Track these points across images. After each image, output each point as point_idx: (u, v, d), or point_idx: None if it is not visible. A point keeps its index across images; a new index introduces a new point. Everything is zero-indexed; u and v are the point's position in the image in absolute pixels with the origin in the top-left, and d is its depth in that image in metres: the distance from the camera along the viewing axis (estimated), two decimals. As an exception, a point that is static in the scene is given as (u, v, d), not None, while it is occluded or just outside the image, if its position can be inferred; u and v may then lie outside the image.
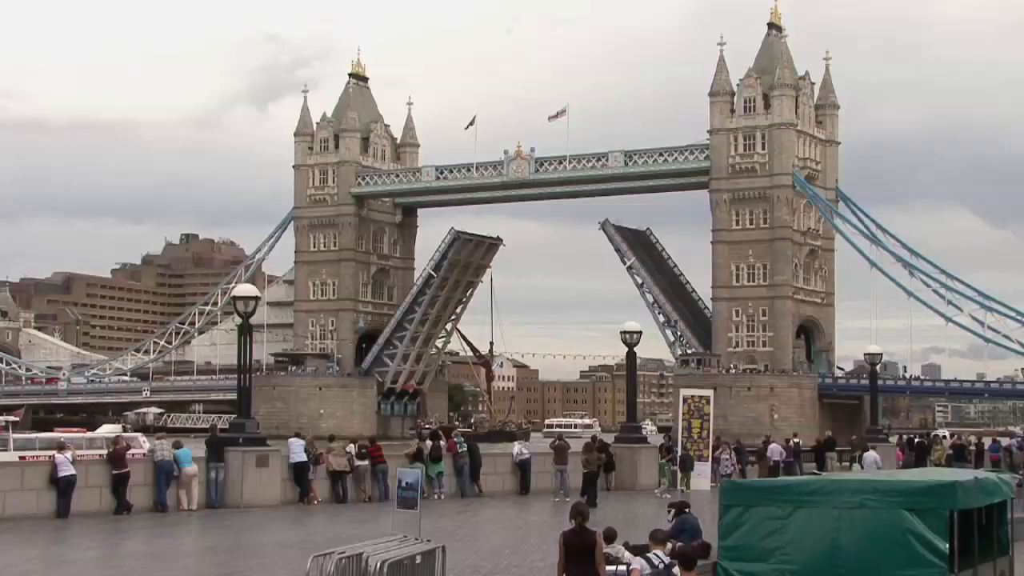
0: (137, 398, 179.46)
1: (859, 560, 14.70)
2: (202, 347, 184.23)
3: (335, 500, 36.63)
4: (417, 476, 21.72)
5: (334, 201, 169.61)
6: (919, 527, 14.43)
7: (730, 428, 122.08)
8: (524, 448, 42.68)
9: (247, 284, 40.21)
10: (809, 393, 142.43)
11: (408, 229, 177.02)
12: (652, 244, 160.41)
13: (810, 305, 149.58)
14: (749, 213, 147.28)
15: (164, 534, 28.05)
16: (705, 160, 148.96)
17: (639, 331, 44.48)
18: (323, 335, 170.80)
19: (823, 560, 14.94)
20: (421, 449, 39.00)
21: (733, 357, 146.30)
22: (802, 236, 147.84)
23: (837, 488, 15.28)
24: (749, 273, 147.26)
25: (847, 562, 14.77)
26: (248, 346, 34.38)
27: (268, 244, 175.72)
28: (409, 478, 21.66)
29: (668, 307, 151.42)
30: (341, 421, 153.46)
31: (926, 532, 14.39)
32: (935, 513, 14.47)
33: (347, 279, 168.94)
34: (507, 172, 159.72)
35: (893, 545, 14.47)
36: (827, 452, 53.93)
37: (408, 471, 22.27)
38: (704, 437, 45.15)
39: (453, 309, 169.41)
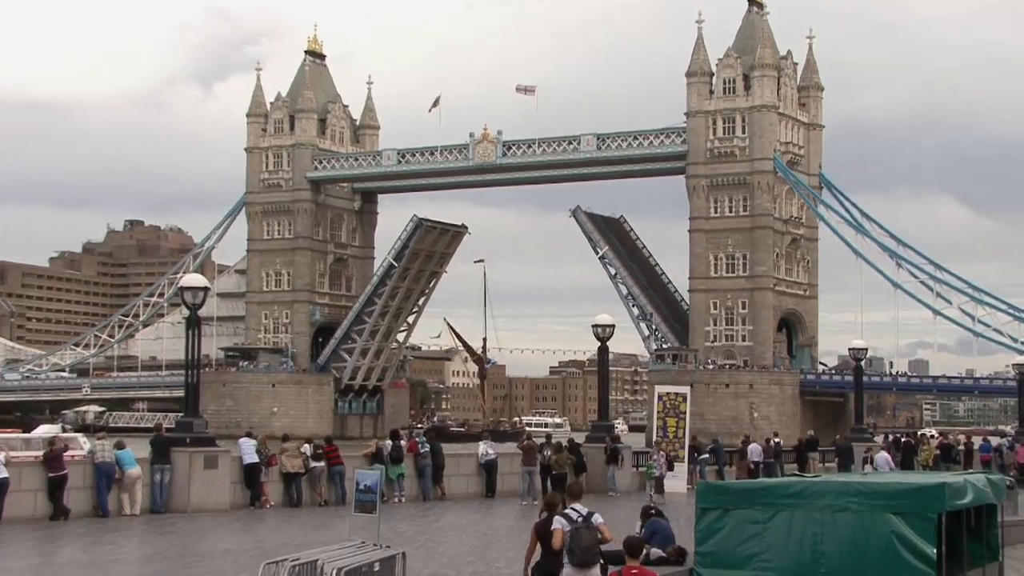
0: (76, 396, 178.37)
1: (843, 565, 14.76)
2: (147, 341, 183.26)
3: (289, 504, 36.48)
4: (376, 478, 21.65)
5: (289, 186, 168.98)
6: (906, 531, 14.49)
7: (707, 427, 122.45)
8: (490, 448, 42.61)
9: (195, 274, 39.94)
10: (790, 390, 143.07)
11: (367, 216, 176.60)
12: (626, 232, 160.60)
13: (792, 297, 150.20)
14: (728, 200, 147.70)
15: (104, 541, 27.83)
16: (682, 144, 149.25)
17: (612, 325, 44.49)
18: (277, 328, 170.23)
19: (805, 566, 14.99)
20: (381, 449, 38.92)
21: (711, 352, 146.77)
22: (784, 224, 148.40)
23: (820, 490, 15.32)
24: (728, 263, 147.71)
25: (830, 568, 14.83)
26: (196, 340, 34.16)
27: (218, 231, 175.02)
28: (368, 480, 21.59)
29: (642, 299, 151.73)
30: (295, 420, 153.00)
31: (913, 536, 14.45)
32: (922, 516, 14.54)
33: (302, 269, 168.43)
34: (472, 156, 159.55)
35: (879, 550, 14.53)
36: (809, 452, 54.18)
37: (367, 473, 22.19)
38: (680, 437, 45.25)
39: (415, 301, 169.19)
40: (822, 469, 52.03)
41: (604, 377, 46.71)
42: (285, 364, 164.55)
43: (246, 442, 36.31)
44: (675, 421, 45.39)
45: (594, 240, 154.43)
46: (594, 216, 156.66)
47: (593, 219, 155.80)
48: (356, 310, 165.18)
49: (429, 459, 40.28)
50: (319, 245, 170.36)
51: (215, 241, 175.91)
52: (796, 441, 58.66)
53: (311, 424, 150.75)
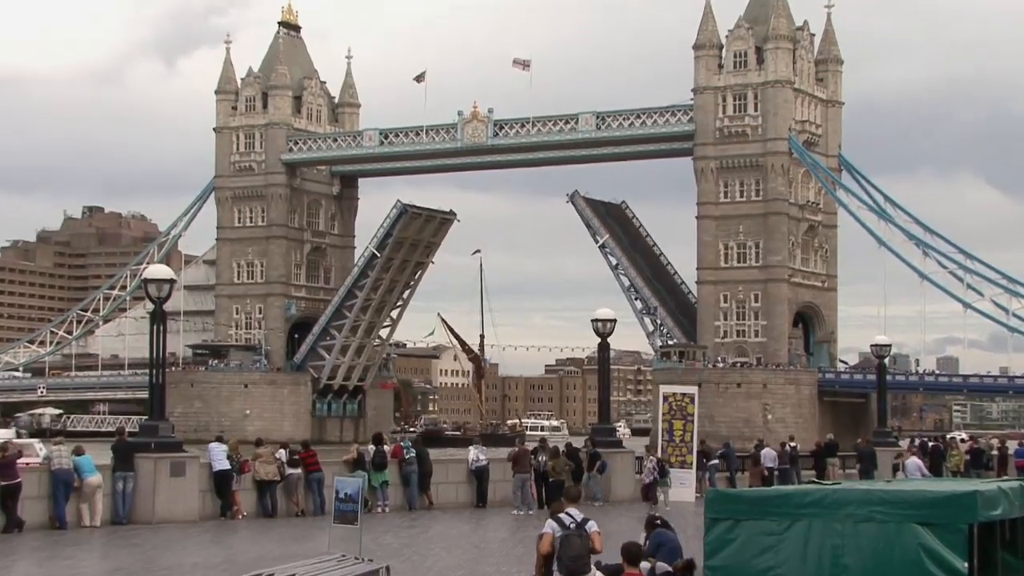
0: (31, 397, 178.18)
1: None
2: (108, 338, 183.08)
3: (263, 514, 36.50)
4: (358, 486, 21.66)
5: (261, 169, 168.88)
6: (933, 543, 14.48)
7: (717, 430, 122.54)
8: (481, 454, 42.64)
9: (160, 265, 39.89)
10: (807, 390, 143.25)
11: (347, 202, 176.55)
12: (628, 219, 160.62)
13: (809, 289, 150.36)
14: (739, 184, 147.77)
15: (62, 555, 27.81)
16: (689, 123, 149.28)
17: (613, 319, 44.51)
18: (249, 324, 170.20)
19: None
20: (362, 455, 38.94)
21: (721, 349, 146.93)
22: (800, 210, 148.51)
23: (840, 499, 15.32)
24: (739, 253, 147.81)
25: (852, 583, 14.82)
26: (162, 337, 34.13)
27: (185, 219, 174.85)
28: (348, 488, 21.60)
29: (646, 292, 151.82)
30: (270, 423, 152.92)
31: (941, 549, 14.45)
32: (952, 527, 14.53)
33: (277, 259, 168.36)
34: (461, 136, 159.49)
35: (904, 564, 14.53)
36: (828, 458, 54.22)
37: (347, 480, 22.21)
38: (688, 441, 45.27)
39: (399, 294, 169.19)
40: (842, 476, 52.09)
41: (605, 376, 46.75)
42: (258, 363, 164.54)
43: (216, 447, 36.32)
44: (682, 424, 45.41)
45: (593, 227, 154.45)
46: (593, 202, 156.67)
47: (592, 205, 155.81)
48: (335, 304, 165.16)
49: (415, 465, 40.31)
50: (295, 233, 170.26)
51: (182, 229, 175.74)
52: (814, 445, 58.64)
53: (287, 427, 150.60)
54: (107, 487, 33.39)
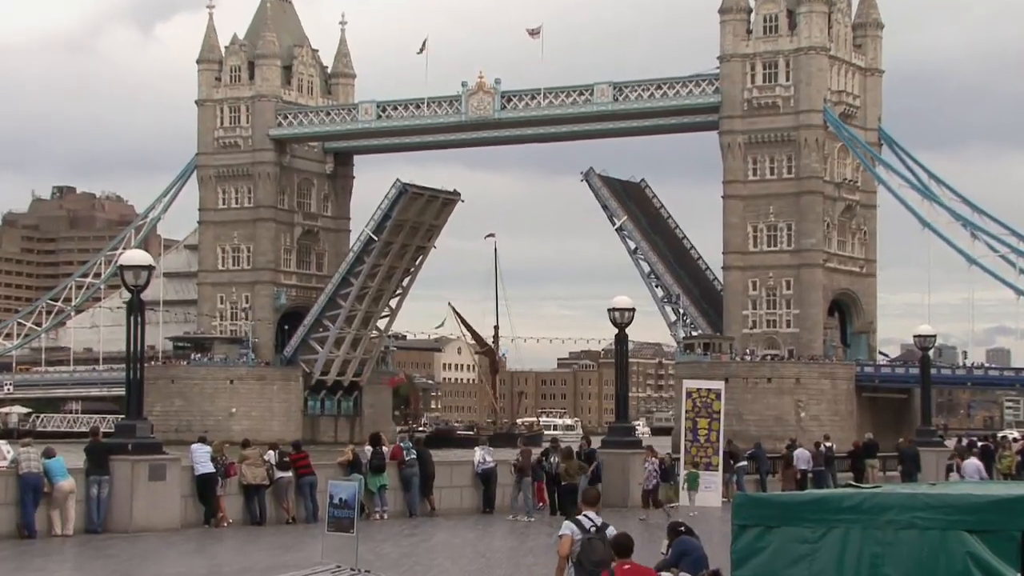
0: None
1: (908, 593, 14.72)
2: (80, 330, 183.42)
3: (250, 521, 36.57)
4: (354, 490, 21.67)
5: (248, 146, 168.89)
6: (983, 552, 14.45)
7: (746, 429, 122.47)
8: (488, 455, 42.68)
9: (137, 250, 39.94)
10: (844, 385, 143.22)
11: (342, 181, 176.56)
12: (648, 199, 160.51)
13: (846, 275, 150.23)
14: (769, 160, 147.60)
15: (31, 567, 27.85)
16: (714, 94, 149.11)
17: (631, 308, 44.47)
18: (235, 314, 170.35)
19: (863, 593, 14.97)
20: (358, 456, 38.98)
21: (749, 341, 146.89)
22: (836, 189, 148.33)
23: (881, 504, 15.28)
24: (769, 236, 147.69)
25: (893, 595, 14.80)
26: (139, 329, 34.15)
27: (164, 200, 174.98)
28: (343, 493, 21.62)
29: (668, 278, 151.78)
30: (257, 422, 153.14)
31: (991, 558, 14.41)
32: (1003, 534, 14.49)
33: (265, 244, 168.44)
34: (466, 110, 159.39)
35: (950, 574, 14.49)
36: (867, 459, 54.24)
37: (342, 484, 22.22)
38: (714, 441, 45.25)
39: (399, 282, 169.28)
40: (883, 479, 52.07)
41: (623, 370, 46.73)
42: (245, 356, 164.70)
43: (199, 448, 36.35)
44: (707, 422, 45.38)
45: (610, 208, 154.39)
46: (610, 180, 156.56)
47: (609, 184, 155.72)
48: (329, 292, 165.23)
49: (416, 468, 40.34)
50: (284, 215, 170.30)
51: (161, 211, 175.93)
52: (851, 446, 58.69)
53: (276, 427, 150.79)
54: (80, 492, 33.42)
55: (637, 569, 15.94)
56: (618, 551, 16.06)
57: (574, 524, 16.91)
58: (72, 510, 33.13)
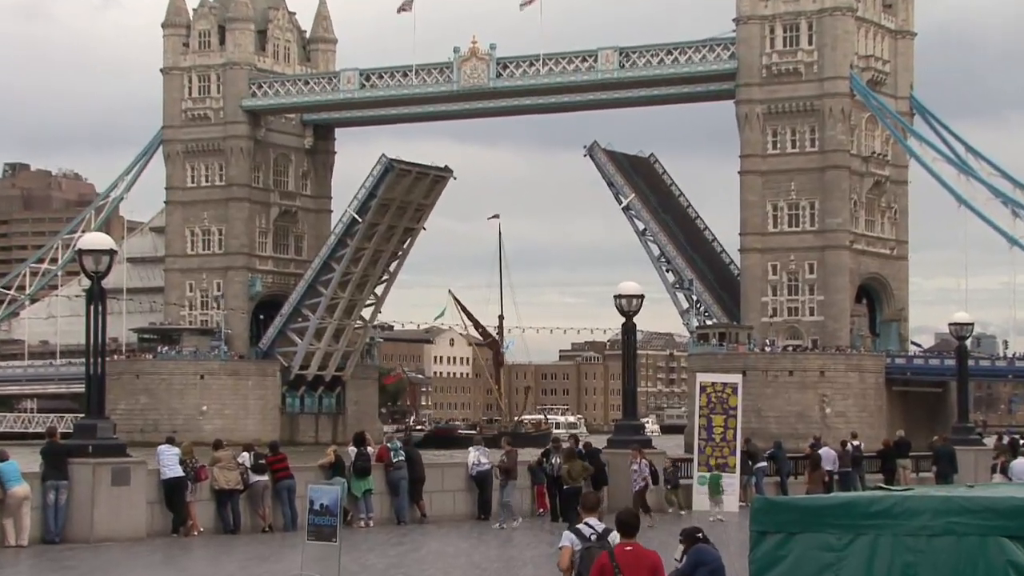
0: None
1: (943, 605, 14.74)
2: (36, 321, 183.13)
3: (223, 530, 36.58)
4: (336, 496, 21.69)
5: (219, 118, 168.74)
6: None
7: (765, 427, 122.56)
8: (483, 456, 42.67)
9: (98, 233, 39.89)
10: (873, 379, 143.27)
11: (322, 157, 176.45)
12: (658, 176, 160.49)
13: (875, 258, 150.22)
14: (791, 132, 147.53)
15: (-15, 579, 27.85)
16: (730, 60, 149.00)
17: (640, 295, 44.42)
18: (205, 303, 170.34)
19: (894, 606, 14.99)
20: (341, 458, 38.98)
21: (769, 330, 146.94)
22: (864, 163, 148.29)
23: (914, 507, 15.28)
24: (791, 215, 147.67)
25: (927, 608, 14.81)
26: (100, 319, 34.12)
27: (127, 178, 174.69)
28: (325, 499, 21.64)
29: (680, 262, 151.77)
30: (231, 421, 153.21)
31: (1034, 566, 14.43)
32: (1048, 541, 14.50)
33: (238, 226, 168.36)
34: (458, 78, 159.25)
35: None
36: (898, 458, 54.26)
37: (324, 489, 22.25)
38: (730, 440, 45.29)
39: (385, 267, 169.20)
40: (915, 480, 52.11)
41: (631, 363, 46.71)
42: (217, 349, 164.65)
43: (167, 450, 36.31)
44: (723, 419, 45.42)
45: (616, 186, 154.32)
46: (616, 155, 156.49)
47: (615, 159, 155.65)
48: (308, 279, 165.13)
49: (404, 470, 40.34)
50: (260, 195, 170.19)
51: (123, 191, 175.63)
52: (881, 444, 58.69)
53: (251, 426, 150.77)
54: (36, 499, 33.39)
55: (639, 552, 15.94)
56: (621, 530, 16.20)
57: (573, 534, 16.92)
58: (27, 518, 33.09)
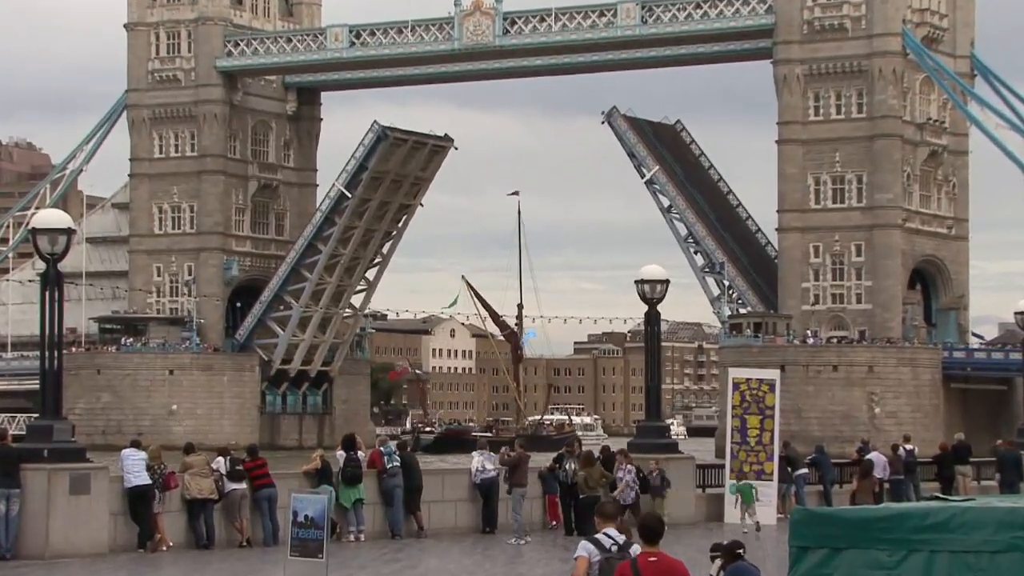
0: None
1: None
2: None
3: (195, 544, 36.57)
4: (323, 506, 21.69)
5: (190, 80, 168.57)
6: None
7: (807, 429, 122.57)
8: (489, 461, 42.63)
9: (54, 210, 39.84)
10: (929, 375, 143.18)
11: (307, 124, 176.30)
12: (685, 145, 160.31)
13: (931, 238, 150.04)
14: (836, 96, 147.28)
15: (-73, 600, 27.90)
16: (767, 14, 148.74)
17: (665, 280, 44.38)
18: (175, 289, 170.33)
19: (952, 631, 14.99)
20: (329, 464, 38.98)
21: (811, 319, 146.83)
22: (918, 131, 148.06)
23: (974, 520, 15.28)
24: (835, 190, 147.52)
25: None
26: (57, 307, 34.11)
27: (87, 148, 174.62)
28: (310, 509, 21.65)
29: (710, 242, 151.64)
30: (204, 422, 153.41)
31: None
32: None
33: (212, 202, 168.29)
34: (459, 36, 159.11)
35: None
36: (957, 465, 54.18)
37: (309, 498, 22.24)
38: (767, 443, 45.26)
39: (377, 249, 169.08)
40: (976, 489, 52.06)
41: (654, 357, 46.69)
42: (188, 341, 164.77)
43: (132, 455, 36.29)
44: (758, 420, 45.39)
45: (638, 157, 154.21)
46: (639, 122, 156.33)
47: (637, 126, 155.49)
48: (291, 262, 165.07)
49: (400, 478, 40.31)
50: (236, 167, 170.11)
51: (82, 162, 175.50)
52: (937, 449, 58.58)
53: (227, 428, 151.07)
54: (-15, 509, 33.42)
55: (666, 562, 15.95)
56: (645, 536, 16.18)
57: (592, 544, 16.96)
58: (-25, 531, 33.14)
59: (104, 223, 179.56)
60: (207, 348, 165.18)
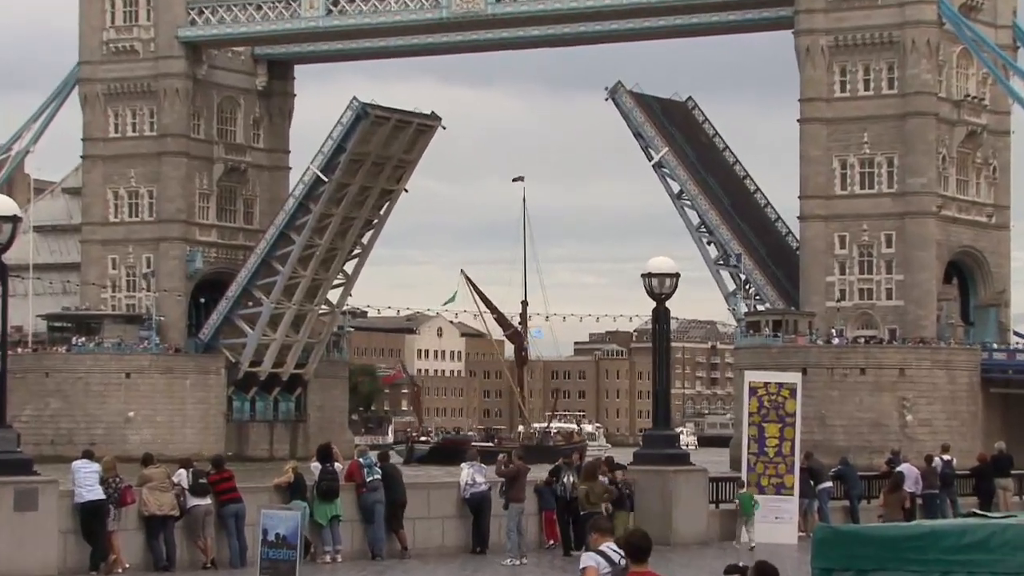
0: None
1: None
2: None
3: (154, 565, 36.59)
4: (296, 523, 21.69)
5: (149, 52, 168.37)
6: None
7: (832, 438, 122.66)
8: (479, 474, 42.62)
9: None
10: (966, 378, 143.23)
11: (278, 101, 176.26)
12: (697, 125, 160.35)
13: (969, 227, 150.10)
14: (864, 71, 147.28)
15: None
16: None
17: (675, 274, 44.42)
18: (132, 283, 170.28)
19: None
20: (302, 477, 38.99)
21: (836, 317, 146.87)
22: (955, 109, 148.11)
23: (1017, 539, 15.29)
24: (863, 173, 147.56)
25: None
26: (1, 303, 34.10)
27: (34, 127, 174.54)
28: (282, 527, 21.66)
29: (724, 232, 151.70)
30: (164, 430, 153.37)
31: None
32: None
33: (173, 186, 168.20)
34: (447, 3, 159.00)
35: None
36: (998, 477, 54.25)
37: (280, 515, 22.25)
38: (787, 454, 45.30)
39: (356, 239, 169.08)
40: (1018, 505, 52.11)
41: (663, 358, 46.74)
42: (147, 341, 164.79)
43: (84, 467, 36.29)
44: (778, 429, 45.44)
45: (646, 137, 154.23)
46: (646, 99, 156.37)
47: (644, 103, 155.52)
48: (261, 253, 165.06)
49: (381, 492, 40.32)
50: (200, 148, 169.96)
51: (29, 143, 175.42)
52: (976, 460, 58.69)
53: (190, 437, 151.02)
54: (-79, 527, 33.46)
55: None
56: (631, 554, 16.36)
57: (601, 556, 17.07)
58: (-90, 551, 33.17)
59: (53, 210, 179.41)
60: (167, 349, 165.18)
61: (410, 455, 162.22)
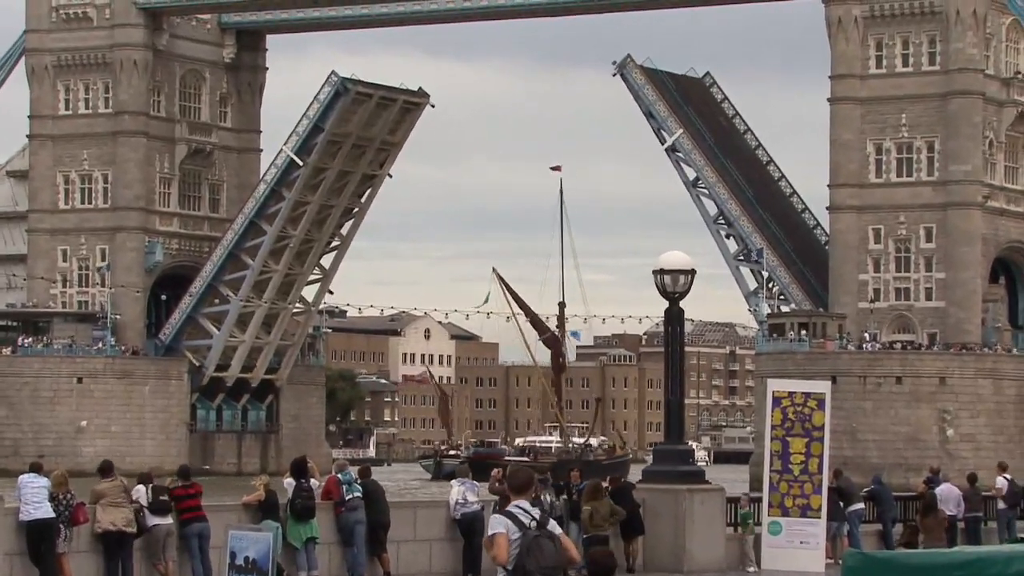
0: None
1: None
2: None
3: (109, 591, 36.67)
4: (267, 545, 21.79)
5: (104, 19, 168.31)
6: None
7: (863, 455, 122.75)
8: (471, 492, 42.69)
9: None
10: (1015, 388, 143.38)
11: (248, 75, 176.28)
12: (715, 104, 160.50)
13: (1018, 220, 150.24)
14: (902, 45, 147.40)
15: None
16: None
17: (691, 270, 44.47)
18: (85, 278, 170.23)
19: None
20: (274, 494, 39.05)
21: (869, 319, 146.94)
22: (1003, 88, 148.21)
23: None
24: (901, 160, 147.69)
25: None
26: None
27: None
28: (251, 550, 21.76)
29: (745, 224, 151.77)
30: (121, 441, 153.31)
31: None
32: None
33: (131, 170, 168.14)
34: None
35: None
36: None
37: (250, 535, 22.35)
38: (813, 472, 45.34)
39: (335, 230, 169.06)
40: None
41: (676, 363, 46.81)
42: (101, 342, 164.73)
43: (32, 482, 36.37)
44: (804, 444, 45.47)
45: (658, 118, 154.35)
46: (658, 74, 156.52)
47: (656, 80, 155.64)
48: (229, 245, 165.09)
49: (362, 512, 40.37)
50: (161, 127, 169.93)
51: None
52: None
53: (149, 449, 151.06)
54: None
55: None
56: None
57: (506, 518, 17.26)
58: None
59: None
60: (124, 351, 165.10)
61: (439, 470, 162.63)
